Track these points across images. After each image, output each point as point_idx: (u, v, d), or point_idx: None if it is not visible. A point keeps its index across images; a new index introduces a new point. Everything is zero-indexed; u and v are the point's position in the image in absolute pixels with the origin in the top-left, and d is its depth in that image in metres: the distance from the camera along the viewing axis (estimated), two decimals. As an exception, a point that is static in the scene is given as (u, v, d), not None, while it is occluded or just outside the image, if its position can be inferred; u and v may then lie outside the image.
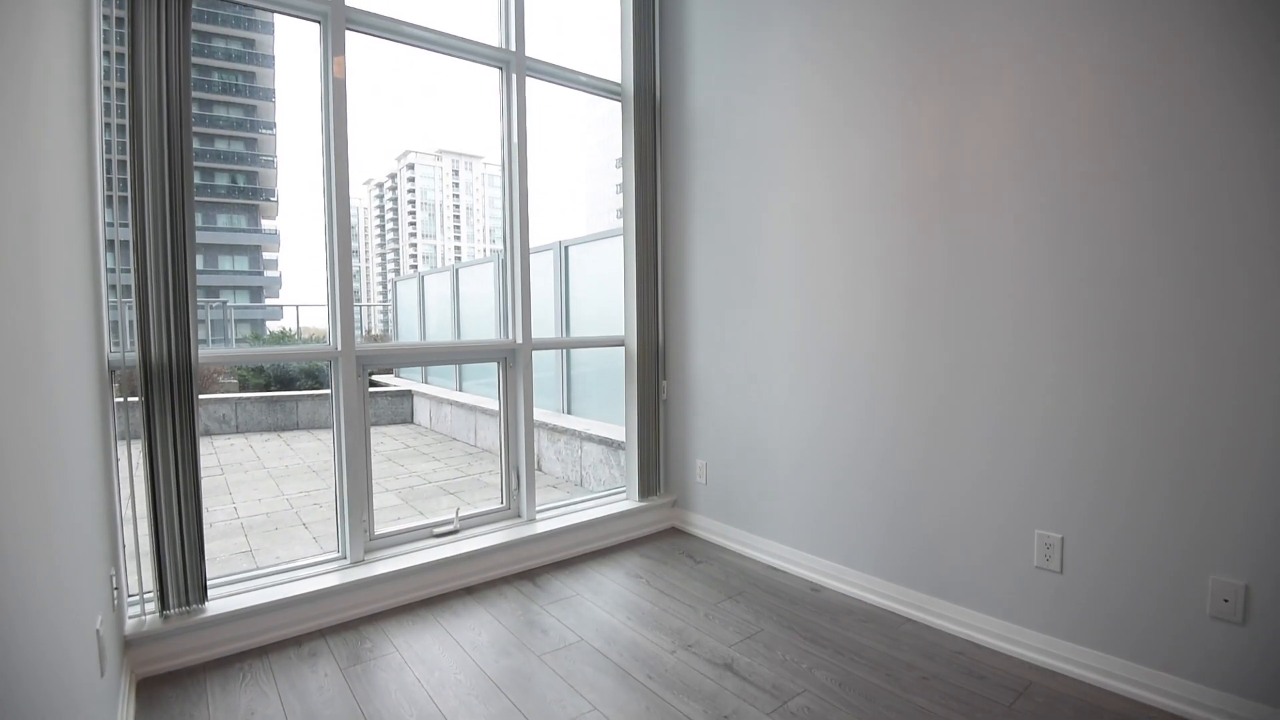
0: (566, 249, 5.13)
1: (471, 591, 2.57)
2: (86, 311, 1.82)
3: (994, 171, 2.07)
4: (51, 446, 1.31)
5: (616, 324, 3.41)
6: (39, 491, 1.18)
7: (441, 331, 8.46)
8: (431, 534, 2.73)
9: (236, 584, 2.27)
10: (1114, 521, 1.85)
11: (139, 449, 2.00)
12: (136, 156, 1.93)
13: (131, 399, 2.04)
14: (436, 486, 5.00)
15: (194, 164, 2.05)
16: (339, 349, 2.45)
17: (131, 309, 1.97)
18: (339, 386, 2.46)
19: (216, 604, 2.12)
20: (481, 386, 7.55)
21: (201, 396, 2.03)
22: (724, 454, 3.08)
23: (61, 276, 1.54)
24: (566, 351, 5.26)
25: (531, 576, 2.72)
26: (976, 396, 2.14)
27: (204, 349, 2.09)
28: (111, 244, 2.02)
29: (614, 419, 4.56)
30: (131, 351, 1.99)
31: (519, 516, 2.97)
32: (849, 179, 2.48)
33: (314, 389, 8.98)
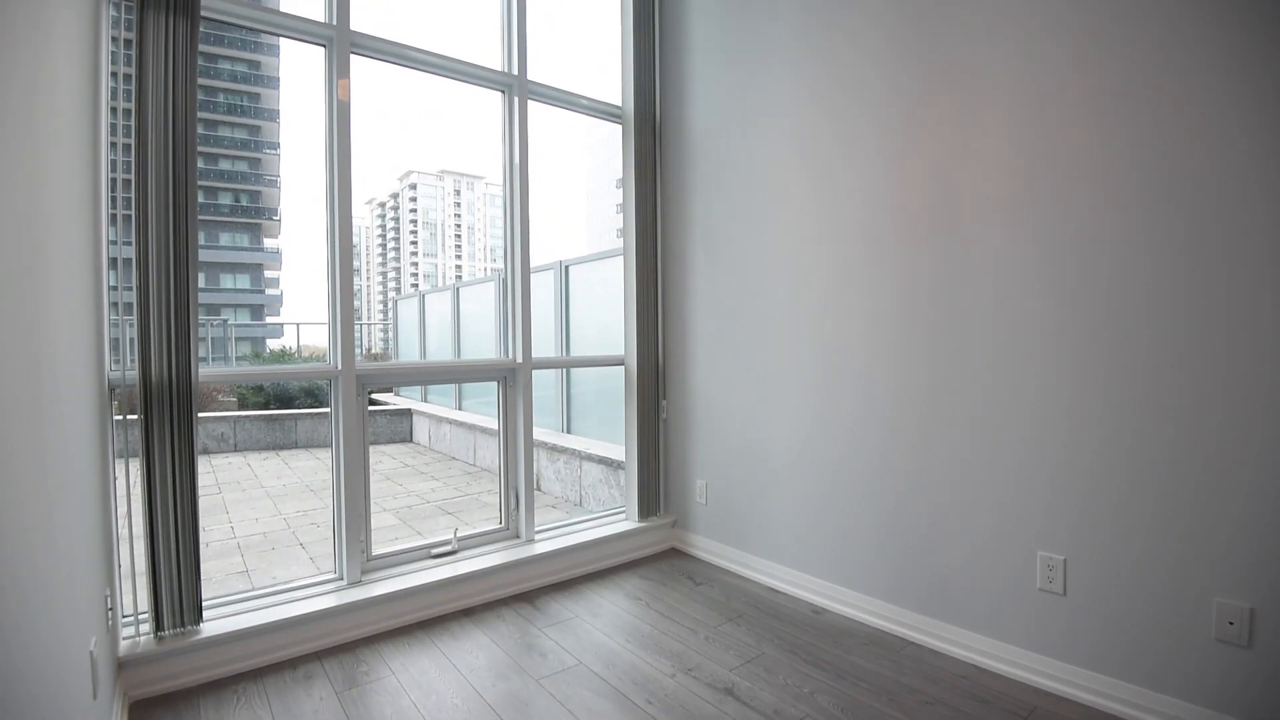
0: (567, 268, 5.16)
1: (469, 614, 2.54)
2: (88, 329, 1.82)
3: (988, 192, 2.08)
4: (50, 465, 1.30)
5: (616, 343, 3.41)
6: (38, 511, 1.18)
7: (442, 350, 8.47)
8: (429, 555, 2.71)
9: (232, 605, 2.25)
10: (1117, 543, 1.84)
11: (136, 467, 1.99)
12: (141, 175, 1.95)
13: (131, 417, 2.04)
14: (435, 506, 4.98)
15: (198, 183, 2.07)
16: (339, 368, 2.45)
17: (133, 327, 1.97)
18: (338, 405, 2.46)
19: (211, 625, 2.10)
20: (481, 405, 7.54)
21: (200, 415, 2.03)
22: (725, 474, 3.07)
23: (64, 294, 1.55)
24: (566, 370, 5.27)
25: (530, 598, 2.69)
26: (978, 417, 2.14)
27: (204, 367, 2.10)
28: (114, 261, 2.03)
29: (614, 438, 4.55)
30: (132, 370, 1.99)
31: (518, 537, 2.95)
32: (845, 201, 2.50)
33: (313, 407, 8.97)
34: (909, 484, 2.33)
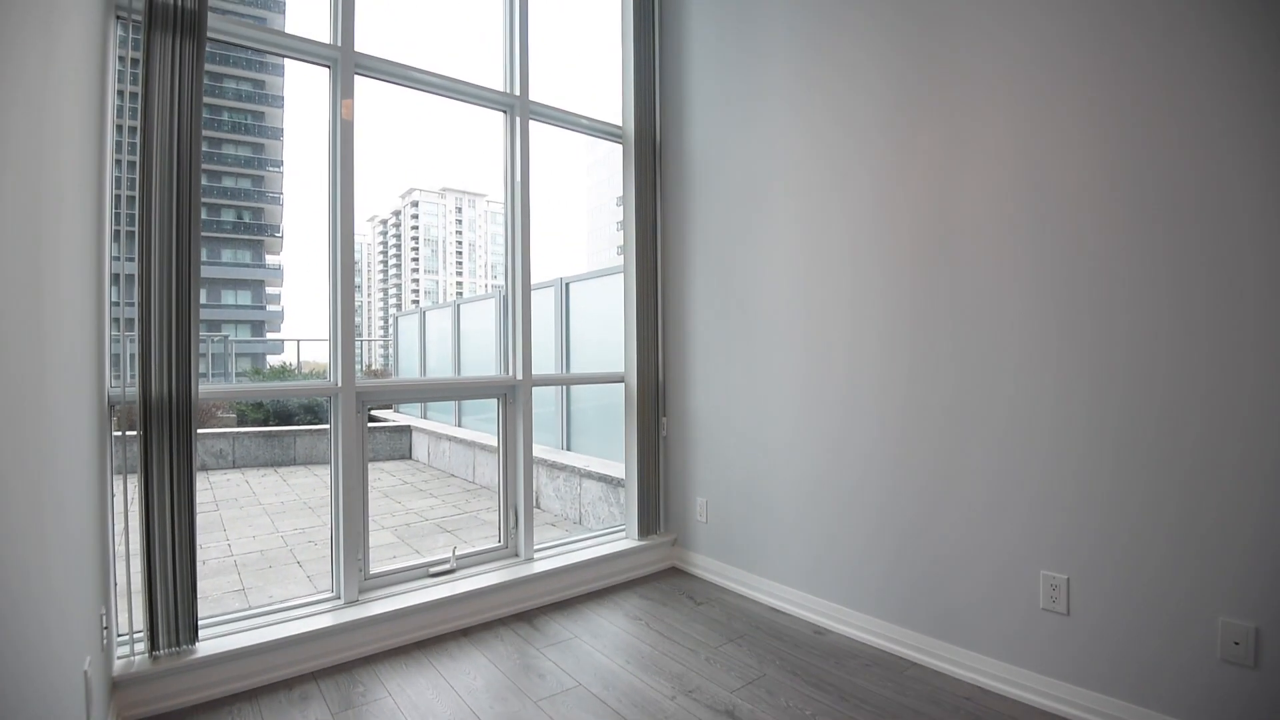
0: (567, 285, 5.18)
1: (467, 633, 2.52)
2: (89, 346, 1.83)
3: (992, 213, 2.10)
4: (49, 484, 1.30)
5: (616, 360, 3.42)
6: (36, 530, 1.17)
7: (442, 367, 8.47)
8: (428, 573, 2.69)
9: (228, 624, 2.23)
10: (1120, 562, 1.83)
11: (134, 483, 1.98)
12: (145, 192, 1.96)
13: (130, 433, 2.03)
14: (433, 524, 4.95)
15: (201, 200, 2.09)
16: (339, 385, 2.45)
17: (134, 342, 1.98)
18: (338, 422, 2.45)
19: (207, 644, 2.08)
20: (481, 422, 7.52)
21: (200, 431, 2.03)
22: (725, 492, 3.06)
23: (67, 311, 1.55)
24: (566, 387, 5.26)
25: (529, 618, 2.66)
26: (980, 435, 2.14)
27: (204, 384, 2.10)
28: (116, 277, 2.04)
29: (614, 455, 4.53)
30: (132, 386, 1.99)
31: (517, 556, 2.93)
32: (846, 219, 2.51)
33: (313, 424, 8.95)
34: (915, 504, 2.32)
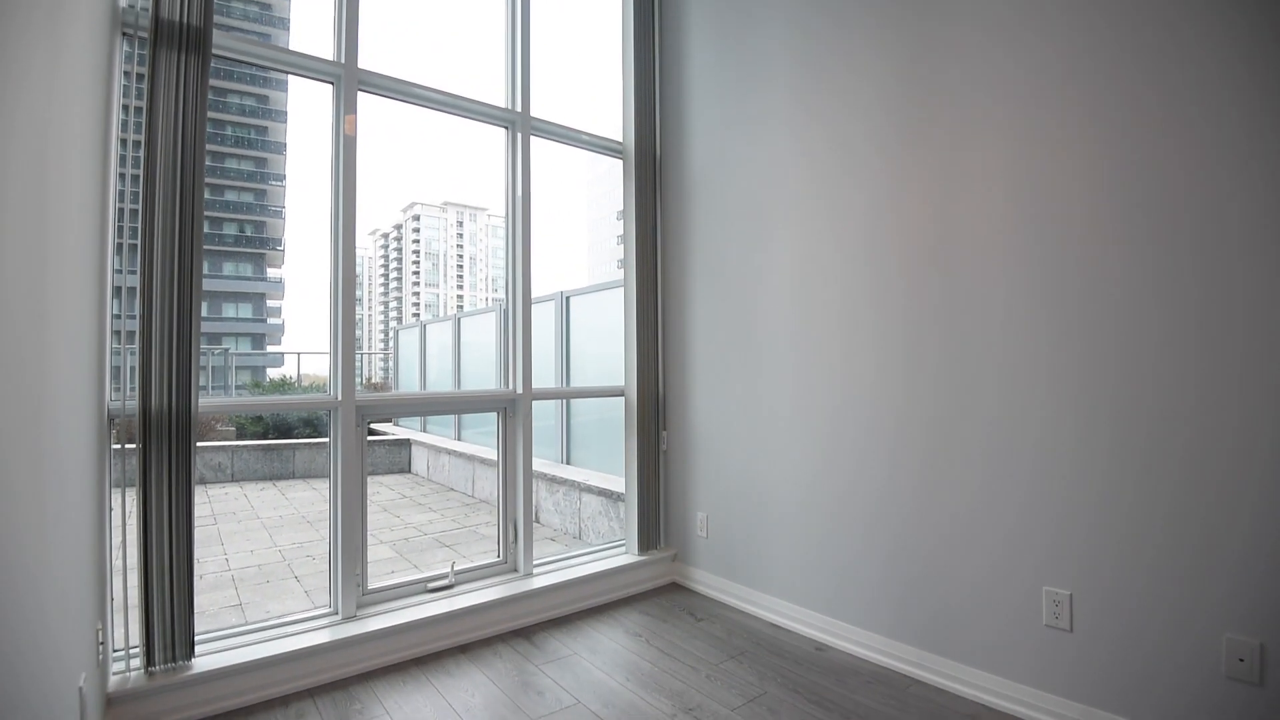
0: (568, 299, 5.19)
1: (466, 650, 2.50)
2: (90, 359, 1.83)
3: (987, 226, 2.11)
4: (48, 498, 1.29)
5: (617, 374, 3.41)
6: (35, 544, 1.17)
7: (442, 380, 8.46)
8: (426, 589, 2.67)
9: (225, 639, 2.21)
10: (1123, 578, 1.82)
11: (133, 497, 1.97)
12: (148, 206, 1.97)
13: (129, 446, 2.03)
14: (432, 539, 4.92)
15: (204, 214, 2.10)
16: (339, 398, 2.45)
17: (134, 355, 1.98)
18: (337, 436, 2.45)
19: (203, 660, 2.06)
20: (480, 435, 7.50)
21: (199, 444, 2.02)
22: (725, 506, 3.04)
23: (69, 324, 1.56)
24: (566, 401, 5.26)
25: (528, 634, 2.64)
26: (982, 451, 2.13)
27: (204, 398, 2.09)
28: (118, 290, 2.05)
29: (613, 469, 4.52)
30: (132, 400, 1.99)
31: (516, 571, 2.91)
32: (844, 235, 2.52)
33: (312, 437, 8.93)
34: (918, 519, 2.31)
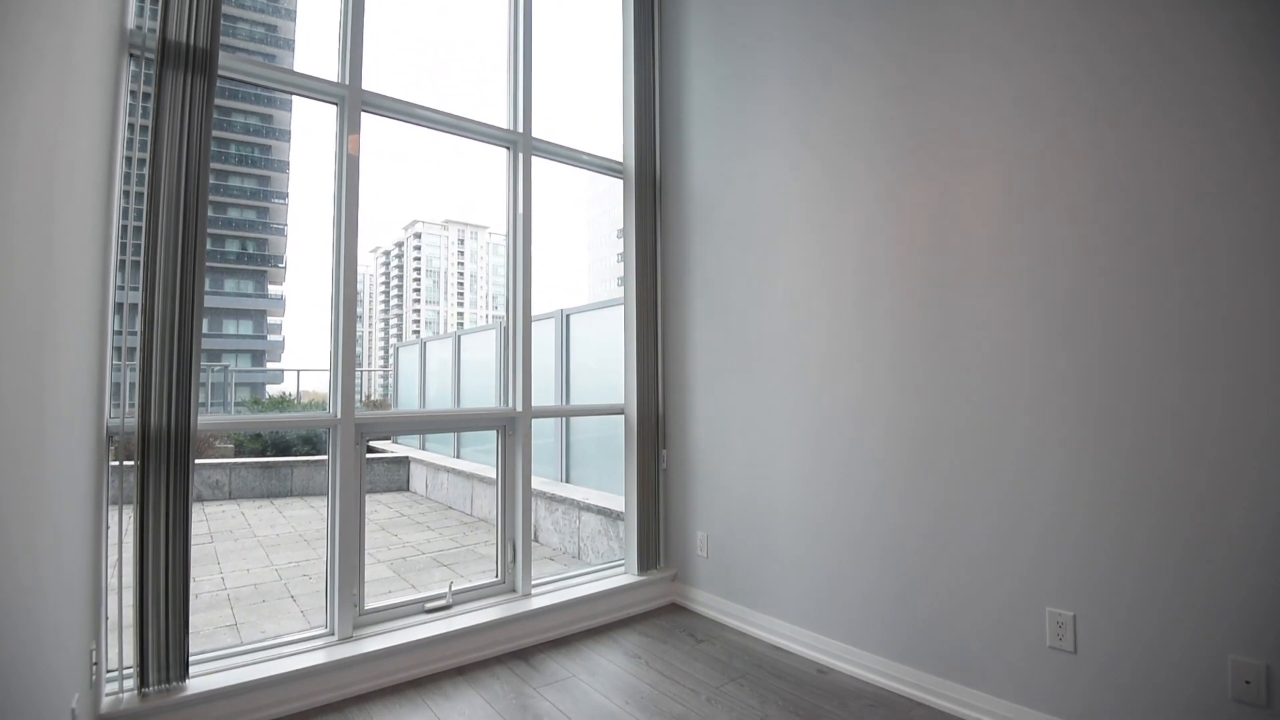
0: (568, 317, 5.20)
1: (463, 672, 2.47)
2: (90, 377, 1.83)
3: (988, 250, 2.12)
4: (47, 518, 1.29)
5: (616, 392, 3.41)
6: (31, 564, 1.16)
7: (442, 397, 8.45)
8: (423, 609, 2.64)
9: (219, 660, 2.19)
10: (1127, 599, 1.80)
11: (129, 514, 1.96)
12: (152, 224, 1.99)
13: (127, 463, 2.02)
14: (430, 558, 4.88)
15: (207, 231, 2.11)
16: (338, 416, 2.44)
17: (134, 372, 1.98)
18: (336, 454, 2.44)
19: (198, 682, 2.04)
20: (479, 453, 7.47)
21: (196, 461, 2.02)
22: (725, 526, 3.02)
23: (70, 342, 1.56)
24: (565, 419, 5.25)
25: (526, 656, 2.61)
26: (984, 471, 2.13)
27: (203, 415, 2.09)
28: (120, 307, 2.05)
29: (613, 488, 4.50)
30: (131, 417, 1.99)
31: (514, 591, 2.89)
32: (844, 257, 2.54)
33: (310, 454, 8.89)
34: (919, 540, 2.29)
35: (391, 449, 9.33)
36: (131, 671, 1.96)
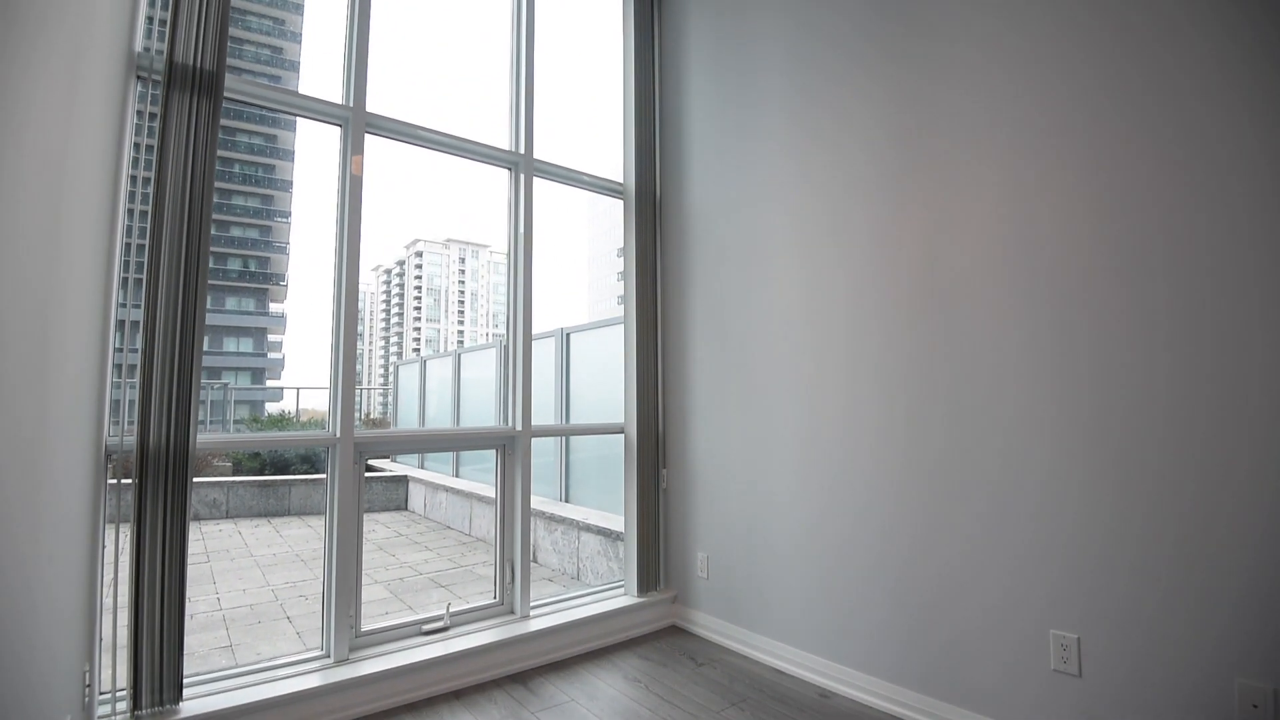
0: (568, 335, 5.21)
1: (460, 696, 2.43)
2: (90, 395, 1.83)
3: (986, 266, 2.13)
4: (43, 538, 1.28)
5: (616, 411, 3.41)
6: (24, 587, 1.15)
7: (441, 416, 8.43)
8: (420, 631, 2.62)
9: (214, 683, 2.16)
10: (1132, 620, 1.78)
11: (126, 533, 1.95)
12: (155, 242, 1.99)
13: (125, 481, 2.01)
14: (428, 579, 4.84)
15: (210, 250, 2.12)
16: (338, 435, 2.44)
17: (134, 389, 1.97)
18: (334, 474, 2.43)
19: (191, 704, 2.00)
20: (478, 472, 7.44)
21: (194, 480, 2.01)
22: (726, 547, 3.00)
23: (71, 362, 1.56)
24: (565, 437, 5.23)
25: (524, 679, 2.58)
26: (986, 491, 2.12)
27: (202, 434, 2.09)
28: (121, 324, 2.05)
29: (613, 508, 4.47)
30: (130, 435, 1.98)
31: (512, 613, 2.86)
32: (841, 276, 2.55)
33: (309, 473, 8.85)
34: (922, 561, 2.28)
35: (390, 467, 9.30)
36: (125, 694, 1.93)
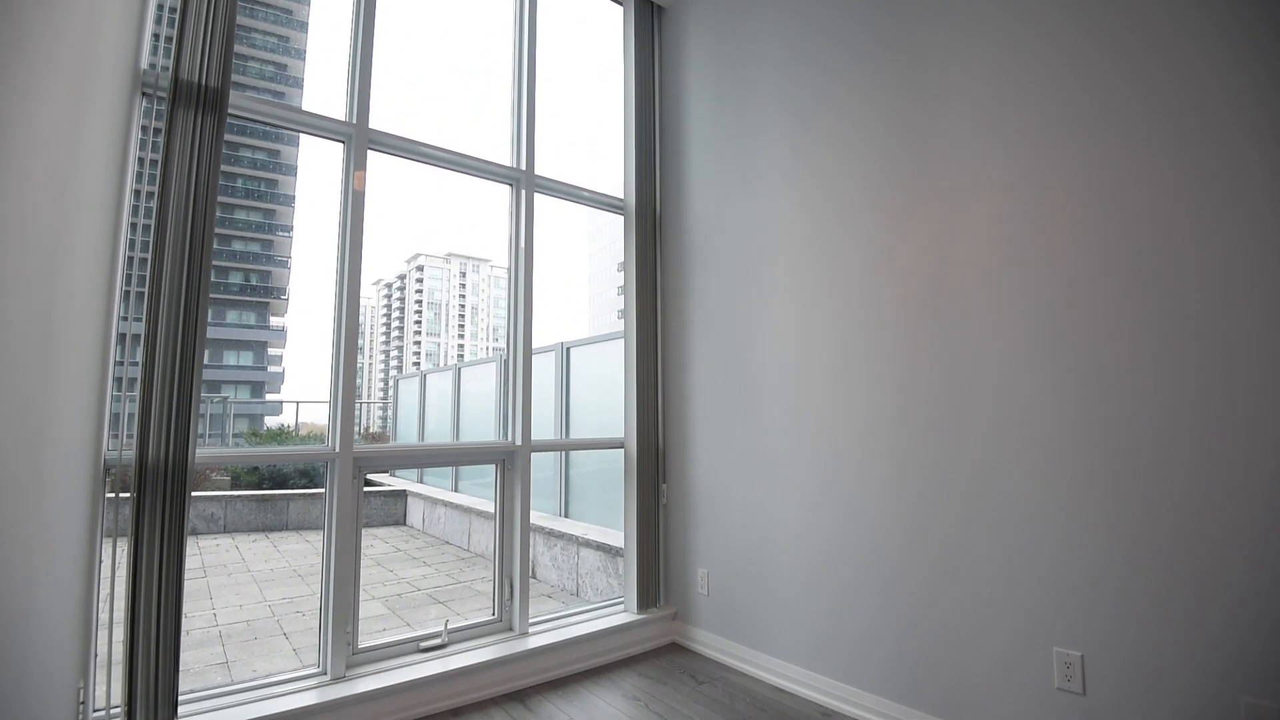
0: (568, 350, 5.21)
1: (458, 714, 2.41)
2: (90, 407, 1.83)
3: (987, 277, 2.14)
4: (40, 554, 1.27)
5: (617, 425, 3.40)
6: (24, 601, 1.14)
7: (441, 430, 8.41)
8: (418, 648, 2.59)
9: (209, 700, 2.13)
10: (1136, 638, 1.77)
11: (123, 548, 1.93)
12: (157, 256, 2.00)
13: (123, 495, 2.00)
14: (426, 595, 4.80)
15: (212, 264, 2.13)
16: (337, 450, 2.43)
17: (134, 402, 1.97)
18: (333, 489, 2.42)
19: (185, 724, 1.99)
20: (477, 486, 7.41)
21: (193, 494, 2.00)
22: (726, 563, 2.98)
23: (72, 374, 1.56)
24: (565, 452, 5.22)
25: (522, 698, 2.55)
26: (989, 510, 2.11)
27: (201, 448, 2.08)
28: (122, 337, 2.06)
29: (613, 523, 4.44)
30: (129, 449, 1.97)
31: (511, 630, 2.83)
32: (842, 291, 2.56)
33: (307, 487, 8.81)
34: (925, 580, 2.26)
35: (389, 482, 9.26)
36: (119, 711, 1.91)
